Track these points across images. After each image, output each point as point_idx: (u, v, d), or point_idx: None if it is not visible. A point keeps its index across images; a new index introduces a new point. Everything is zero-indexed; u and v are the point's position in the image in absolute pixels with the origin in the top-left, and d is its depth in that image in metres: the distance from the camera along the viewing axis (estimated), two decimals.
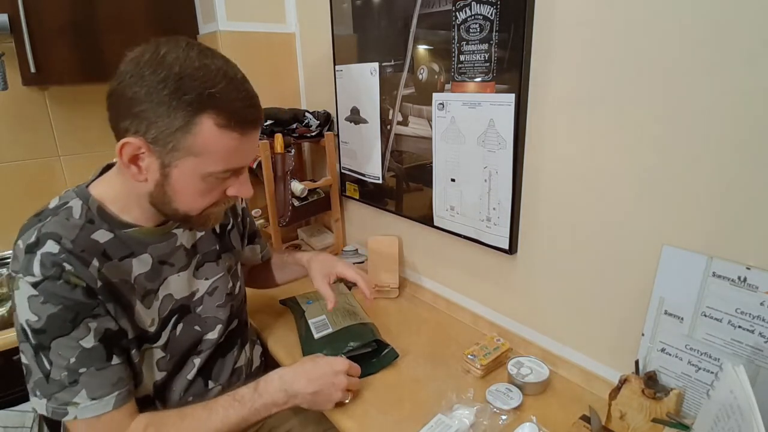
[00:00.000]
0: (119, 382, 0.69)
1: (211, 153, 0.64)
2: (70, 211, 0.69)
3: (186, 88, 0.60)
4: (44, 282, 0.63)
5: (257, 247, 1.08)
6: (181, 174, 0.66)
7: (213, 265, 0.87)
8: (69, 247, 0.66)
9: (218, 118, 0.62)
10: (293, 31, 1.59)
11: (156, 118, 0.61)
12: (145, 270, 0.75)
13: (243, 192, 0.73)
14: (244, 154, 0.69)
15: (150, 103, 0.61)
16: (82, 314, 0.66)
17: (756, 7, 0.60)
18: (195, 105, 0.61)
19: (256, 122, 0.68)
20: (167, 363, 0.79)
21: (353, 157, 1.40)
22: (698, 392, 0.73)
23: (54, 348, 0.65)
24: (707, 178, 0.69)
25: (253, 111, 0.66)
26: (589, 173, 0.83)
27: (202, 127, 0.62)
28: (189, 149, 0.63)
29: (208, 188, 0.69)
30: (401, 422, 0.82)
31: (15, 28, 1.17)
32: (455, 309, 1.19)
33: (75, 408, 0.66)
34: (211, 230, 0.88)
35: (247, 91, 0.66)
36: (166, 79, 0.60)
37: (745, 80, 0.62)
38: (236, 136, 0.64)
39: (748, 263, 0.65)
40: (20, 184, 1.47)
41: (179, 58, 0.61)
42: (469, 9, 0.93)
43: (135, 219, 0.74)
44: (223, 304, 0.87)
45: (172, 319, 0.80)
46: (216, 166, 0.66)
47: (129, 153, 0.64)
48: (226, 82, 0.62)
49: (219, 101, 0.62)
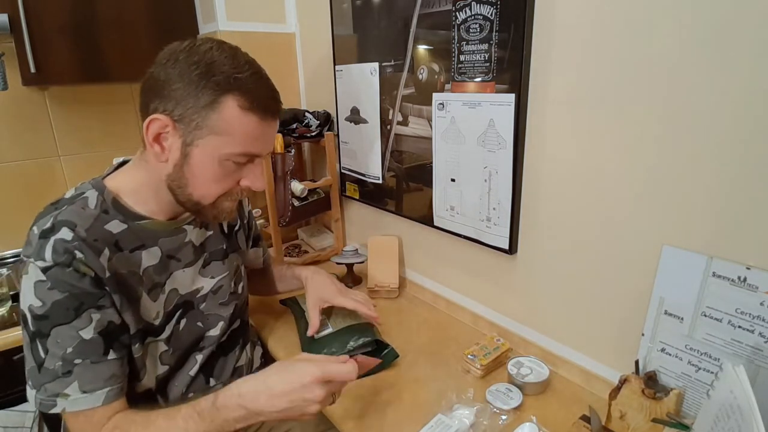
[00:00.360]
0: (112, 378, 0.69)
1: (232, 133, 0.68)
2: (86, 201, 0.71)
3: (215, 70, 0.65)
4: (54, 268, 0.65)
5: (260, 250, 1.09)
6: (201, 154, 0.69)
7: (220, 264, 0.88)
8: (83, 236, 0.67)
9: (242, 99, 0.66)
10: (293, 31, 1.59)
11: (184, 96, 0.66)
12: (154, 263, 0.77)
13: (256, 184, 0.75)
14: (262, 141, 0.72)
15: (181, 83, 0.65)
16: (86, 304, 0.67)
17: (756, 8, 0.60)
18: (222, 85, 0.65)
19: (276, 114, 0.72)
20: (170, 357, 0.80)
21: (353, 157, 1.40)
22: (698, 392, 0.73)
23: (53, 335, 0.65)
24: (707, 178, 0.69)
25: (273, 102, 0.71)
26: (589, 173, 0.83)
27: (226, 105, 0.66)
28: (212, 127, 0.67)
29: (224, 173, 0.71)
30: (401, 422, 0.82)
31: (15, 28, 1.17)
32: (455, 309, 1.19)
33: (65, 400, 0.66)
34: (219, 230, 0.89)
35: (270, 85, 0.71)
36: (198, 62, 0.65)
37: (745, 80, 0.62)
38: (256, 120, 0.68)
39: (748, 263, 0.65)
40: (20, 184, 1.47)
41: (212, 48, 0.67)
42: (469, 9, 0.93)
43: (149, 211, 0.76)
44: (226, 302, 0.88)
45: (177, 314, 0.81)
46: (235, 148, 0.69)
47: (155, 130, 0.68)
48: (252, 72, 0.68)
49: (244, 85, 0.66)
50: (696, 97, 0.67)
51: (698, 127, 0.68)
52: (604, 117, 0.79)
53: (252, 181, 0.75)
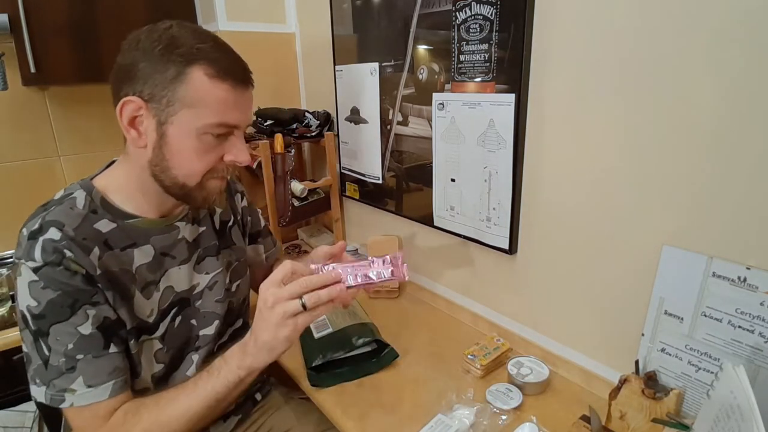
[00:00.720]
0: (115, 371, 0.70)
1: (205, 104, 0.66)
2: (74, 201, 0.71)
3: (177, 43, 0.65)
4: (44, 267, 0.65)
5: (260, 247, 1.06)
6: (178, 131, 0.68)
7: (213, 259, 0.87)
8: (71, 235, 0.67)
9: (209, 68, 0.65)
10: (293, 31, 1.59)
11: (151, 73, 0.65)
12: (147, 261, 0.76)
13: (240, 157, 0.73)
14: (238, 109, 0.70)
15: (145, 62, 0.65)
16: (80, 301, 0.67)
17: (756, 8, 0.60)
18: (186, 56, 0.65)
19: (247, 82, 0.70)
20: (165, 355, 0.79)
21: (353, 157, 1.40)
22: (698, 392, 0.73)
23: (53, 333, 0.66)
24: (707, 178, 0.69)
25: (242, 70, 0.69)
26: (589, 173, 0.83)
27: (193, 76, 0.65)
28: (183, 100, 0.66)
29: (204, 148, 0.70)
30: (401, 422, 0.82)
31: (15, 28, 1.17)
32: (455, 309, 1.19)
33: (72, 395, 0.67)
34: (211, 226, 0.88)
35: (237, 55, 0.70)
36: (159, 38, 0.65)
37: (746, 80, 0.62)
38: (227, 87, 0.67)
39: (748, 263, 0.65)
40: (20, 184, 1.47)
41: (173, 26, 0.67)
42: (469, 9, 0.93)
43: (138, 209, 0.75)
44: (221, 299, 0.87)
45: (172, 311, 0.80)
46: (210, 118, 0.67)
47: (128, 114, 0.67)
48: (215, 42, 0.68)
49: (209, 54, 0.66)
50: (696, 97, 0.67)
51: (699, 126, 0.68)
52: (604, 117, 0.79)
53: (235, 154, 0.72)
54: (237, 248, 0.94)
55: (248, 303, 0.99)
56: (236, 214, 0.96)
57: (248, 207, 1.01)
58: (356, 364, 0.97)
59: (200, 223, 0.86)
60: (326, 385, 0.93)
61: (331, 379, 0.95)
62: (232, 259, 0.92)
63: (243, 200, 0.99)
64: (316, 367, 0.95)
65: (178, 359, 0.82)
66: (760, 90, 0.61)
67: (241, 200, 0.99)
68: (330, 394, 0.91)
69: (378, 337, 1.00)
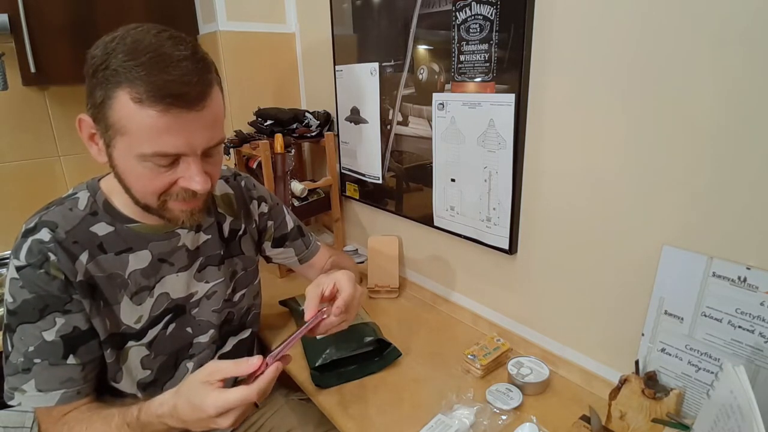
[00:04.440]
0: (68, 381, 0.70)
1: (134, 132, 0.59)
2: (76, 202, 0.72)
3: (109, 61, 0.58)
4: (26, 268, 0.66)
5: (289, 250, 1.01)
6: (120, 155, 0.63)
7: (215, 269, 0.85)
8: (60, 237, 0.68)
9: (133, 91, 0.57)
10: (293, 31, 1.59)
11: (89, 94, 0.62)
12: (142, 266, 0.75)
13: (191, 184, 0.64)
14: (177, 135, 0.60)
15: (87, 78, 0.61)
16: (51, 307, 0.68)
17: (755, 8, 0.60)
18: (111, 79, 0.58)
19: (190, 101, 0.59)
20: (152, 362, 0.78)
21: (353, 157, 1.40)
22: (698, 392, 0.73)
23: (19, 332, 0.67)
24: (708, 178, 0.69)
25: (181, 86, 0.58)
26: (590, 173, 0.83)
27: (118, 101, 0.58)
28: (114, 127, 0.60)
29: (150, 175, 0.63)
30: (401, 422, 0.82)
31: (15, 28, 1.17)
32: (455, 309, 1.19)
33: (22, 395, 0.68)
34: (218, 234, 0.85)
35: (181, 68, 0.58)
36: (96, 54, 0.60)
37: (746, 80, 0.62)
38: (154, 114, 0.58)
39: (748, 263, 0.65)
40: (20, 184, 1.47)
41: (125, 37, 0.59)
42: (469, 9, 0.93)
43: (138, 214, 0.74)
44: (218, 309, 0.86)
45: (165, 318, 0.79)
46: (144, 148, 0.60)
47: (86, 131, 0.66)
48: (153, 56, 0.57)
49: (135, 74, 0.57)
50: (696, 97, 0.67)
51: (699, 126, 0.68)
52: (604, 117, 0.79)
53: (187, 181, 0.64)
54: (245, 258, 0.91)
55: (258, 312, 0.98)
56: (251, 222, 0.92)
57: (270, 212, 0.96)
58: (359, 364, 0.97)
59: (205, 231, 0.84)
60: (330, 385, 0.92)
61: (334, 378, 0.94)
62: (237, 268, 0.90)
63: (261, 206, 0.94)
64: (320, 367, 0.95)
65: (170, 366, 0.81)
66: (761, 90, 0.61)
67: (258, 207, 0.94)
68: (330, 394, 0.91)
69: (380, 336, 1.00)
